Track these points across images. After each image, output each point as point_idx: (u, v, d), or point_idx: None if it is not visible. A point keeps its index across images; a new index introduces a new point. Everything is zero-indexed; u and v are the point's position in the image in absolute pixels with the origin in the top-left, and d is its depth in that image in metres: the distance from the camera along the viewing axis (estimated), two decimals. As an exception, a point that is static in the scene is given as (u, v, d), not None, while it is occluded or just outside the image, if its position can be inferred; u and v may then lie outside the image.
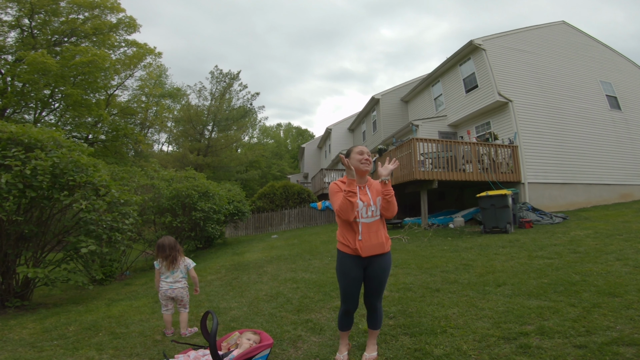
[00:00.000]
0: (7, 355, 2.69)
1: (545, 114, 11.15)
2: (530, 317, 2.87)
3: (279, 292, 4.42)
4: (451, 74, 13.18)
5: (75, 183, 4.50)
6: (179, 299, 3.34)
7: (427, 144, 9.31)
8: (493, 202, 7.67)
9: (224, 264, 7.35)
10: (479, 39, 11.32)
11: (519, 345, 2.39)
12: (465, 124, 12.69)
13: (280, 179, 32.87)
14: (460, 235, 7.76)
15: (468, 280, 4.22)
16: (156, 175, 9.27)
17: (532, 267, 4.56)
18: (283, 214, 15.50)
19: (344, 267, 2.33)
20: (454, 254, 5.91)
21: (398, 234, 8.54)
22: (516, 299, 3.36)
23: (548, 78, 11.71)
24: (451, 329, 2.78)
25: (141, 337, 3.12)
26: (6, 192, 3.86)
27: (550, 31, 12.64)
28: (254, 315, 3.58)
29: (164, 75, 33.09)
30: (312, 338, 2.89)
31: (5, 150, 4.18)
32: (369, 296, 2.43)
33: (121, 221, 5.06)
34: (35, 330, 3.52)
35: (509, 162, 10.02)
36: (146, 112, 26.97)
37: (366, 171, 2.37)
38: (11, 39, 19.43)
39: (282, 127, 53.23)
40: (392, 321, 3.10)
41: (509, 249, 5.93)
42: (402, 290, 4.03)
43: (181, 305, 3.37)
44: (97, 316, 3.95)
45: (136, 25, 22.29)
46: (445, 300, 3.54)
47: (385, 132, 16.36)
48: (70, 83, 18.26)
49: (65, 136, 5.13)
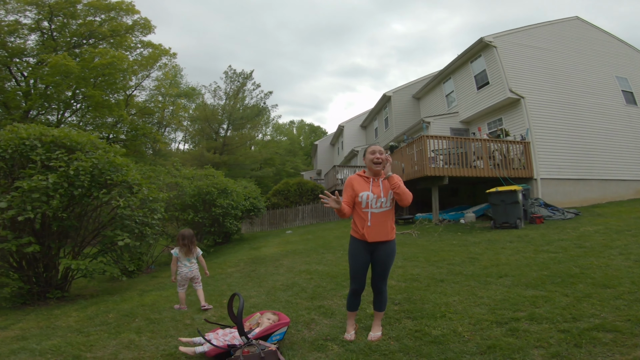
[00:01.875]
0: (60, 340, 3.05)
1: (558, 110, 11.09)
2: (523, 305, 3.12)
3: (294, 282, 4.77)
4: (462, 71, 13.22)
5: (112, 182, 4.97)
6: (196, 278, 4.09)
7: (438, 141, 9.48)
8: (503, 198, 7.81)
9: (242, 257, 7.78)
10: (489, 36, 11.35)
11: (509, 328, 2.66)
12: (477, 121, 12.74)
13: (294, 175, 33.34)
14: (470, 231, 7.94)
15: (472, 272, 4.47)
16: (178, 174, 9.80)
17: (536, 261, 4.76)
18: (297, 210, 15.91)
19: (353, 250, 2.70)
20: (462, 248, 6.14)
21: (409, 229, 8.78)
22: (514, 289, 3.60)
23: (561, 74, 11.63)
24: (450, 314, 3.07)
25: (173, 321, 3.50)
26: (52, 191, 4.34)
27: (563, 27, 12.51)
28: (271, 303, 3.94)
29: (178, 75, 33.93)
30: (323, 321, 3.22)
31: (49, 152, 4.67)
32: (375, 279, 2.76)
33: (150, 216, 5.53)
34: (79, 317, 3.92)
35: (521, 158, 10.08)
36: (163, 111, 27.80)
37: (377, 170, 2.69)
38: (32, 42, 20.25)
39: (295, 125, 53.69)
40: (397, 307, 3.41)
41: (516, 243, 6.10)
42: (409, 280, 4.32)
43: (197, 283, 4.09)
44: (132, 305, 4.36)
45: (151, 26, 22.88)
46: (448, 289, 3.82)
47: (397, 129, 16.50)
48: (90, 84, 18.98)
49: (98, 139, 5.60)
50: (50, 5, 18.85)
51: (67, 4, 19.14)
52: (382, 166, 2.69)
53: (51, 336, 3.19)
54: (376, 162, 2.67)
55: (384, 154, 2.70)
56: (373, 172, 2.72)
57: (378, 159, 2.67)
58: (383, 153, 2.70)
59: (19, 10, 18.59)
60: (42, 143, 4.68)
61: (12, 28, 18.32)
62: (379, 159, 2.66)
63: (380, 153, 2.69)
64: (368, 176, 2.73)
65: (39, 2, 18.58)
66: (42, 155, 4.53)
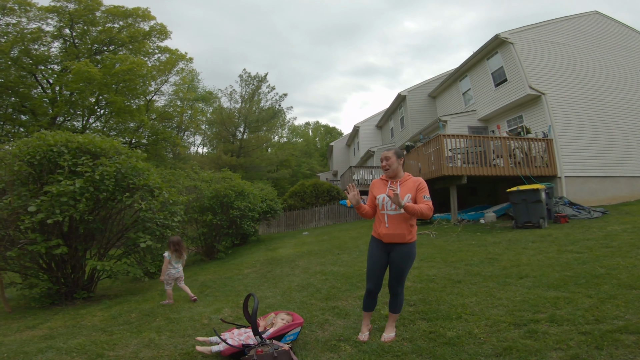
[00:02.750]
0: (85, 338, 3.19)
1: (581, 106, 10.75)
2: (544, 307, 3.03)
3: (309, 283, 4.81)
4: (479, 68, 12.97)
5: (134, 186, 5.17)
6: (180, 278, 4.71)
7: (455, 140, 9.32)
8: (525, 196, 7.60)
9: (258, 258, 7.89)
10: (505, 33, 11.11)
11: (527, 330, 2.59)
12: (495, 118, 12.44)
13: (310, 177, 33.47)
14: (490, 231, 7.76)
15: (491, 272, 4.37)
16: (197, 177, 10.04)
17: (559, 261, 4.60)
18: (313, 211, 15.96)
19: (371, 249, 2.80)
20: (481, 248, 6.00)
21: (427, 229, 8.67)
22: (535, 290, 3.50)
23: (583, 69, 11.27)
24: (466, 315, 3.02)
25: (191, 321, 3.59)
26: (79, 195, 4.56)
27: (582, 22, 12.12)
28: (286, 303, 3.98)
29: (195, 80, 34.71)
30: (337, 321, 3.23)
31: (75, 158, 4.90)
32: (391, 280, 2.76)
33: (170, 219, 5.71)
34: (103, 317, 4.09)
35: (544, 156, 9.77)
36: (181, 115, 28.51)
37: (387, 175, 2.81)
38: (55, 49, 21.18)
39: (311, 126, 53.92)
40: (412, 308, 3.38)
41: (539, 243, 5.92)
42: (425, 281, 4.27)
43: (181, 281, 4.71)
44: (152, 305, 4.52)
45: (167, 31, 23.49)
46: (465, 290, 3.75)
47: (414, 128, 16.31)
48: (112, 90, 19.66)
49: (121, 144, 5.83)
50: (70, 13, 19.64)
51: (86, 11, 19.91)
52: (391, 172, 2.77)
53: (77, 335, 3.34)
54: (384, 168, 2.80)
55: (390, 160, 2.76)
56: (389, 176, 2.80)
57: (385, 167, 2.78)
58: (389, 159, 2.76)
59: (40, 18, 19.43)
60: (69, 149, 4.91)
61: (35, 35, 19.20)
62: (385, 166, 2.78)
63: (386, 159, 2.77)
64: (387, 179, 2.82)
65: (59, 10, 19.39)
66: (69, 160, 4.76)
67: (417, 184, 2.69)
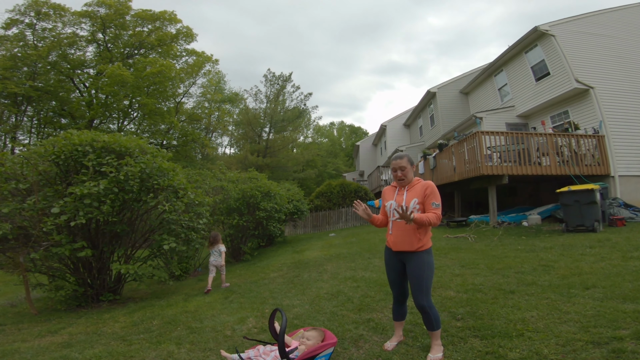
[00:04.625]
0: (102, 348, 3.01)
1: (635, 100, 9.91)
2: (625, 322, 2.55)
3: (339, 290, 4.45)
4: (516, 63, 12.16)
5: (159, 186, 5.02)
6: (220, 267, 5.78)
7: (494, 137, 8.64)
8: (577, 197, 6.86)
9: (285, 261, 7.62)
10: (545, 25, 10.37)
11: (611, 349, 2.15)
12: (537, 114, 11.56)
13: (335, 177, 33.07)
14: (536, 234, 7.08)
15: (549, 282, 3.84)
16: (224, 177, 9.94)
17: (627, 269, 4.01)
18: (340, 212, 15.58)
19: (386, 258, 2.73)
20: (530, 254, 5.41)
21: (464, 232, 8.07)
22: (608, 303, 2.98)
23: (633, 61, 10.38)
24: (529, 333, 2.56)
25: (213, 332, 3.34)
26: (103, 196, 4.45)
27: (627, 13, 11.17)
28: (315, 314, 3.64)
29: (222, 81, 35.24)
30: (373, 337, 2.86)
31: (100, 157, 4.81)
32: (412, 293, 2.51)
33: (196, 221, 5.53)
34: (125, 324, 3.92)
35: (595, 154, 8.88)
36: (209, 117, 29.02)
37: (401, 184, 2.64)
38: (90, 53, 22.14)
39: (336, 126, 53.49)
40: (459, 323, 2.95)
41: (598, 249, 5.27)
42: (471, 291, 3.80)
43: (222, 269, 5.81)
44: (176, 310, 4.32)
45: (193, 34, 23.93)
46: (521, 302, 3.26)
47: (444, 126, 15.55)
48: (144, 93, 20.24)
49: (146, 143, 5.73)
50: (102, 17, 20.44)
51: (116, 15, 20.66)
52: (406, 182, 2.61)
53: (95, 344, 3.17)
54: (397, 179, 2.63)
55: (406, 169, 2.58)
56: (402, 185, 2.67)
57: (399, 177, 2.61)
58: (405, 169, 2.58)
59: (74, 23, 20.36)
60: (94, 149, 4.84)
61: (71, 40, 20.12)
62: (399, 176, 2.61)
63: (401, 170, 2.59)
64: (397, 185, 2.71)
65: (91, 14, 20.23)
66: (93, 160, 4.67)
67: (426, 189, 2.52)
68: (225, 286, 5.54)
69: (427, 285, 2.46)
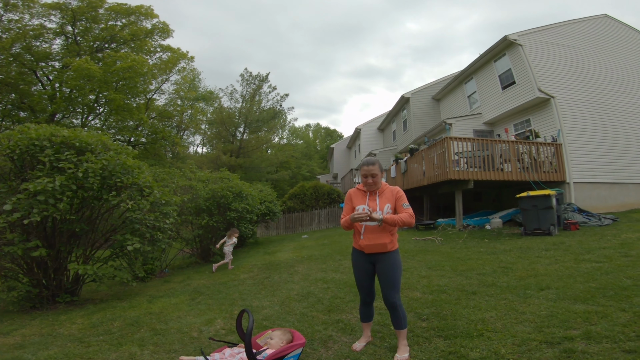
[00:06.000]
0: (57, 350, 2.85)
1: (591, 111, 10.50)
2: (576, 322, 2.71)
3: (309, 291, 4.45)
4: (485, 71, 12.67)
5: (122, 184, 4.79)
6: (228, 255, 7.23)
7: (461, 143, 8.99)
8: (535, 202, 7.27)
9: (256, 263, 7.52)
10: (514, 34, 10.84)
11: (563, 349, 2.28)
12: (502, 122, 12.14)
13: (309, 179, 33.12)
14: (498, 237, 7.43)
15: (507, 283, 4.04)
16: (193, 177, 9.66)
17: (579, 271, 4.28)
18: (313, 214, 15.61)
19: (354, 260, 2.77)
20: (491, 256, 5.67)
21: (431, 234, 8.32)
22: (561, 303, 3.17)
23: (593, 73, 11.02)
24: (488, 332, 2.68)
25: (179, 333, 3.24)
26: (60, 193, 4.19)
27: (591, 25, 11.87)
28: (285, 315, 3.63)
29: (197, 79, 34.36)
30: (342, 338, 2.89)
31: (58, 153, 4.53)
32: (384, 291, 2.58)
33: (162, 221, 5.32)
34: (83, 325, 3.72)
35: (552, 161, 9.45)
36: (182, 115, 28.12)
37: (370, 189, 2.65)
38: (57, 46, 20.79)
39: (311, 128, 53.63)
40: (425, 323, 3.04)
41: (553, 251, 5.60)
42: (436, 292, 3.93)
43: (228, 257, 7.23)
44: (139, 312, 4.14)
45: (169, 30, 23.15)
46: (482, 303, 3.41)
47: (417, 131, 16.00)
48: (112, 88, 19.31)
49: (110, 139, 5.47)
50: (73, 10, 19.32)
51: (89, 8, 19.60)
52: (376, 188, 2.63)
53: (49, 345, 2.98)
54: (369, 185, 2.64)
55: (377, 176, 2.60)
56: (371, 190, 2.68)
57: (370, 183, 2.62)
58: (376, 176, 2.60)
59: (43, 15, 19.10)
60: (52, 144, 4.55)
61: (37, 32, 18.85)
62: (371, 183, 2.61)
63: (372, 176, 2.59)
64: (365, 190, 2.70)
65: (62, 7, 19.07)
66: (50, 156, 4.40)
67: (395, 193, 2.63)
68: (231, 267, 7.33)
69: (398, 283, 2.58)
